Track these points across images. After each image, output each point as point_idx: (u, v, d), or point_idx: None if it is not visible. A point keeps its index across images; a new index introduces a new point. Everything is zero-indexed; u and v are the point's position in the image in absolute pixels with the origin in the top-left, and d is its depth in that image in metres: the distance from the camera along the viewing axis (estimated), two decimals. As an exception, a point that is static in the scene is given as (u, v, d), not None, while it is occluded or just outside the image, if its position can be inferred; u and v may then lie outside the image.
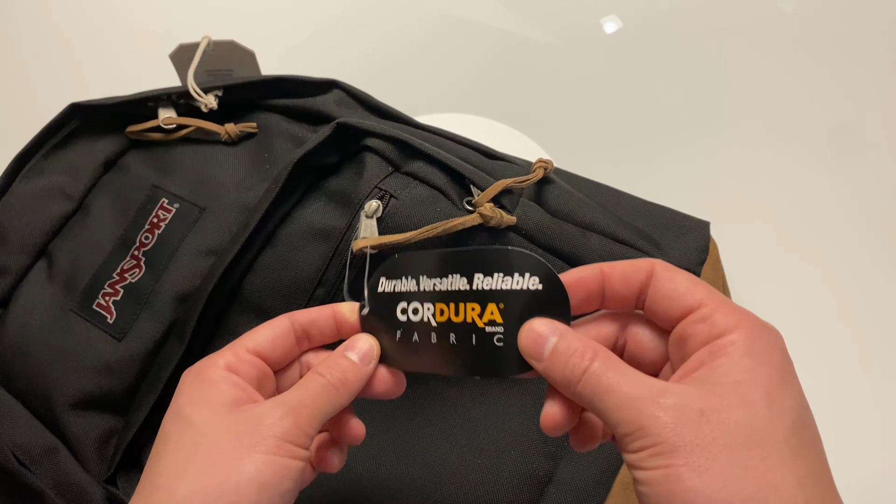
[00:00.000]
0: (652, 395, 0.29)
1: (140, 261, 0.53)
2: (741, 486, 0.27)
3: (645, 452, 0.28)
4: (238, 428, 0.35)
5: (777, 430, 0.28)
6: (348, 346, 0.39)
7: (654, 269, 0.33)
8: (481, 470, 0.48)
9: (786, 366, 0.30)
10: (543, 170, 0.54)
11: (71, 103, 0.56)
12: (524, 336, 0.34)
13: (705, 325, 0.31)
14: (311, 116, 0.58)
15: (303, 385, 0.37)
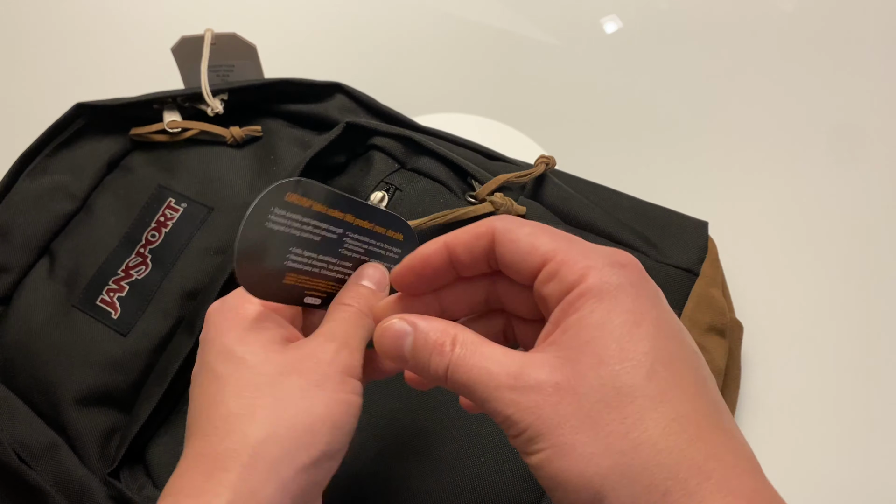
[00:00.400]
0: (509, 381, 0.28)
1: (146, 258, 0.54)
2: (608, 454, 0.27)
3: (520, 440, 0.28)
4: (298, 366, 0.34)
5: (633, 382, 0.27)
6: (361, 276, 0.39)
7: (493, 231, 0.31)
8: (482, 468, 0.48)
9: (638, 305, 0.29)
10: (545, 165, 0.54)
11: (77, 103, 0.56)
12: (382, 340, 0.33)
13: (554, 281, 0.29)
14: (315, 122, 0.59)
15: (338, 318, 0.37)
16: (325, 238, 0.39)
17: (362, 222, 0.40)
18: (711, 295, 0.52)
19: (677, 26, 0.78)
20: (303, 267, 0.38)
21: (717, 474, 0.26)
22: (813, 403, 0.59)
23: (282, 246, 0.37)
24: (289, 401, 0.33)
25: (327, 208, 0.38)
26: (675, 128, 0.73)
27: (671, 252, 0.53)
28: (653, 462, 0.26)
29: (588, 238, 0.52)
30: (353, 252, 0.40)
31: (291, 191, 0.36)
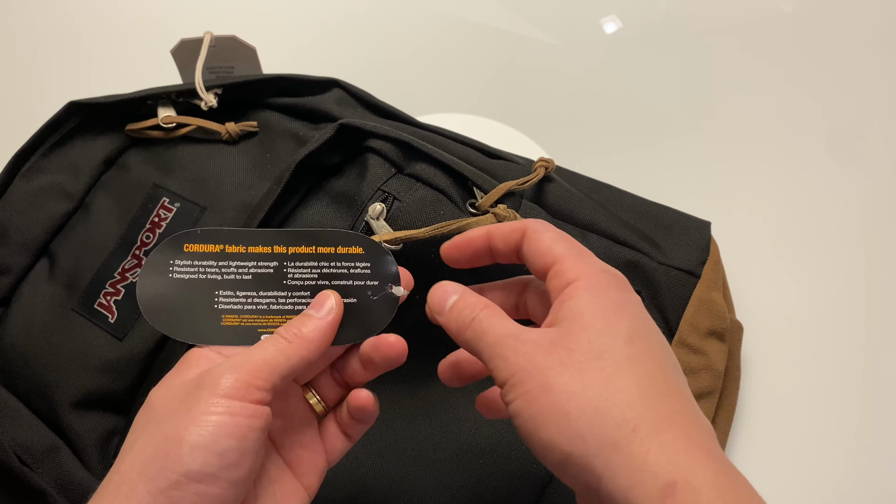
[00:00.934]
0: (515, 334, 0.34)
1: (141, 260, 0.53)
2: (584, 392, 0.31)
3: (509, 385, 0.33)
4: (182, 396, 0.35)
5: (614, 344, 0.32)
6: (311, 305, 0.39)
7: (526, 229, 0.37)
8: (483, 469, 0.48)
9: (621, 297, 0.34)
10: (544, 169, 0.54)
11: (69, 102, 0.56)
12: (433, 293, 0.38)
13: (558, 278, 0.35)
14: (312, 115, 0.58)
15: (256, 345, 0.37)
16: (258, 275, 0.39)
17: (300, 249, 0.40)
18: (712, 299, 0.52)
19: (677, 26, 0.78)
20: (242, 307, 0.39)
21: (680, 425, 0.31)
22: (813, 404, 0.59)
23: (202, 292, 0.38)
24: (159, 429, 0.34)
25: (244, 247, 0.39)
26: (674, 128, 0.73)
27: (673, 252, 0.53)
28: (625, 403, 0.31)
29: (590, 237, 0.52)
30: (303, 281, 0.40)
31: (188, 241, 0.38)
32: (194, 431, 0.33)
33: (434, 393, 0.51)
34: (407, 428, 0.50)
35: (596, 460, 0.30)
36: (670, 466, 0.29)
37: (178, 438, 0.33)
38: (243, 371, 0.35)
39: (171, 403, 0.35)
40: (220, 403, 0.34)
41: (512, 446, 0.49)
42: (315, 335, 0.38)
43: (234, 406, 0.34)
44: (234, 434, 0.34)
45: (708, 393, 0.51)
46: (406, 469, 0.49)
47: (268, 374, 0.36)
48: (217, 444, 0.34)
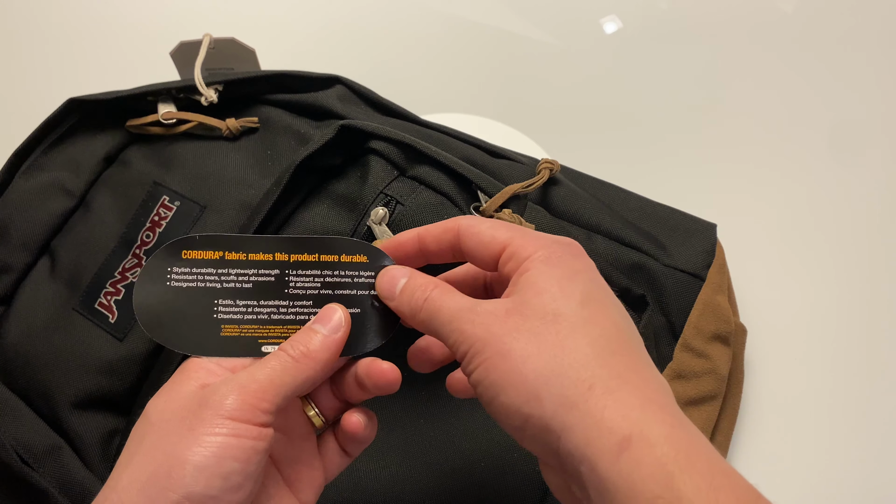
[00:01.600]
0: (470, 306, 0.34)
1: (142, 259, 0.53)
2: (540, 355, 0.32)
3: (468, 356, 0.33)
4: (182, 412, 0.34)
5: (568, 307, 0.33)
6: (317, 319, 0.38)
7: (458, 227, 0.37)
8: (484, 472, 0.48)
9: (575, 263, 0.35)
10: (549, 171, 0.54)
11: (69, 98, 0.56)
12: (381, 279, 0.39)
13: (512, 261, 0.35)
14: (314, 111, 0.58)
15: (261, 361, 0.36)
16: (259, 283, 0.38)
17: (302, 256, 0.39)
18: (717, 302, 0.52)
19: (677, 26, 0.78)
20: (242, 317, 0.38)
21: (634, 382, 0.31)
22: (816, 407, 0.59)
23: (201, 300, 0.37)
24: (159, 447, 0.34)
25: (245, 254, 0.38)
26: (675, 128, 0.73)
27: (678, 255, 0.53)
28: (580, 363, 0.31)
29: (595, 238, 0.52)
30: (305, 290, 0.39)
31: (186, 248, 0.37)
32: (198, 452, 0.33)
33: (435, 395, 0.51)
34: (408, 430, 0.50)
35: (553, 420, 0.31)
36: (625, 422, 0.30)
37: (180, 458, 0.33)
38: (248, 392, 0.35)
39: (172, 419, 0.34)
40: (225, 425, 0.34)
41: (513, 450, 0.49)
42: (323, 355, 0.37)
43: (240, 428, 0.34)
44: (239, 457, 0.34)
45: (711, 397, 0.51)
46: (407, 471, 0.49)
47: (273, 395, 0.35)
48: (221, 467, 0.33)
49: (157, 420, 0.35)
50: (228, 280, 0.38)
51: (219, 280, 0.38)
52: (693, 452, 0.29)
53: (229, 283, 0.38)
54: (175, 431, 0.34)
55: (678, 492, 0.28)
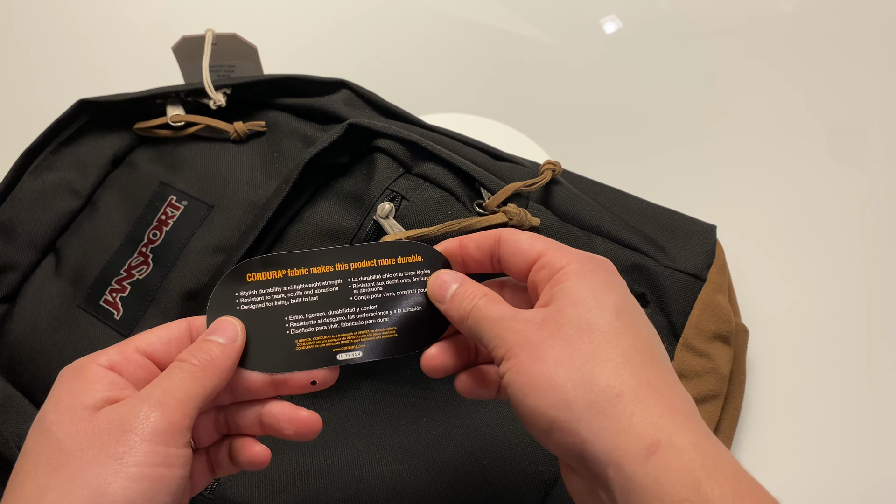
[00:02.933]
0: (512, 315, 0.36)
1: (148, 257, 0.54)
2: (572, 361, 0.33)
3: (504, 360, 0.35)
4: (101, 436, 0.32)
5: (602, 318, 0.34)
6: (210, 331, 0.37)
7: (500, 235, 0.39)
8: (487, 471, 0.49)
9: (608, 278, 0.36)
10: (551, 172, 0.55)
11: (79, 99, 0.56)
12: (433, 283, 0.40)
13: (545, 270, 0.37)
14: (320, 115, 0.59)
15: (165, 375, 0.35)
16: (324, 295, 0.39)
17: (361, 263, 0.40)
18: (717, 302, 0.53)
19: (677, 26, 0.78)
20: (314, 329, 0.39)
21: (663, 392, 0.32)
22: (817, 406, 0.59)
23: (272, 319, 0.38)
24: (80, 481, 0.31)
25: (306, 269, 0.39)
26: (675, 128, 0.73)
27: (678, 256, 0.54)
28: (610, 371, 0.32)
29: (595, 240, 0.53)
30: (369, 295, 0.40)
31: (250, 271, 0.38)
32: (132, 488, 0.31)
33: (438, 393, 0.51)
34: (410, 428, 0.50)
35: (581, 424, 0.32)
36: (653, 428, 0.31)
37: (112, 497, 0.31)
38: (171, 410, 0.33)
39: (89, 446, 0.32)
40: (158, 453, 0.32)
41: (516, 447, 0.49)
42: (226, 363, 0.36)
43: (171, 455, 0.32)
44: (170, 488, 0.32)
45: (713, 396, 0.52)
46: (409, 469, 0.49)
47: (190, 409, 0.34)
48: (154, 502, 0.32)
49: (72, 445, 0.32)
50: (295, 296, 0.39)
51: (286, 297, 0.39)
52: (719, 460, 0.30)
53: (296, 298, 0.39)
54: (96, 461, 0.31)
55: (705, 496, 0.29)
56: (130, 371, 0.36)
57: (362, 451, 0.50)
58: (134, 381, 0.35)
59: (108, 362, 0.35)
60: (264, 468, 0.39)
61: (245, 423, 0.39)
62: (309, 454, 0.49)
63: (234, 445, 0.39)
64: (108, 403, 0.33)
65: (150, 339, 0.37)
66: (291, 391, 0.39)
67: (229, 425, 0.39)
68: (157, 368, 0.37)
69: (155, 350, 0.37)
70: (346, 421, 0.50)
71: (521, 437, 0.50)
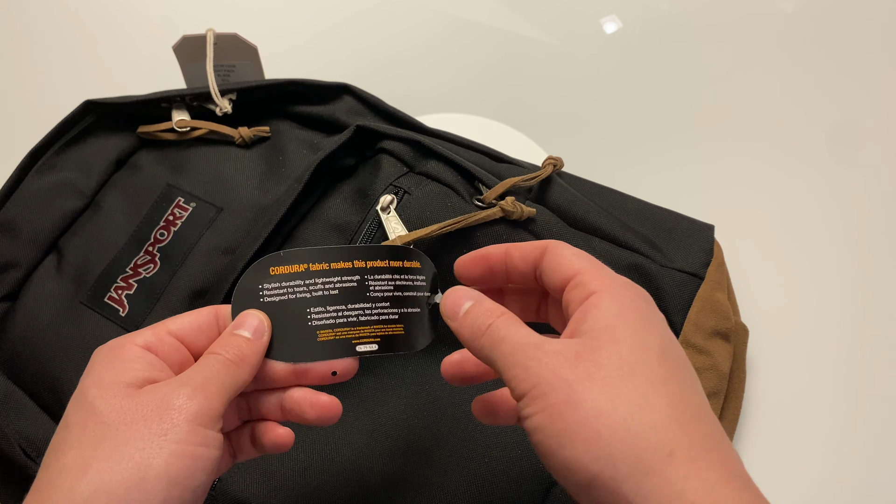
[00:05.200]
0: (537, 343, 0.33)
1: (155, 256, 0.55)
2: (616, 410, 0.30)
3: (529, 397, 0.32)
4: (146, 414, 0.33)
5: (645, 362, 0.31)
6: (237, 325, 0.38)
7: (547, 247, 0.37)
8: (488, 470, 0.49)
9: (649, 312, 0.34)
10: (553, 167, 0.56)
11: (86, 100, 0.58)
12: (446, 299, 0.38)
13: (578, 289, 0.35)
14: (324, 124, 0.61)
15: (202, 364, 0.36)
16: (344, 289, 0.41)
17: (376, 263, 0.42)
18: (716, 299, 0.54)
19: (677, 26, 0.79)
20: (334, 321, 0.41)
21: (715, 451, 0.30)
22: (818, 406, 0.60)
23: (295, 311, 0.40)
24: (125, 453, 0.32)
25: (327, 264, 0.41)
26: (675, 128, 0.74)
27: (676, 256, 0.55)
28: (661, 425, 0.30)
29: (593, 241, 0.54)
30: (383, 293, 0.42)
31: (273, 265, 0.40)
32: (175, 464, 0.32)
33: (439, 390, 0.52)
34: (412, 426, 0.51)
35: (626, 484, 0.29)
36: (710, 496, 0.28)
37: (156, 470, 0.32)
38: (211, 396, 0.34)
39: (131, 418, 0.33)
40: (199, 433, 0.33)
41: (517, 445, 0.50)
42: (255, 359, 0.38)
43: (209, 437, 0.34)
44: (207, 467, 0.34)
45: (713, 394, 0.52)
46: (410, 467, 0.50)
47: (225, 398, 0.35)
48: (193, 480, 0.33)
49: (115, 420, 0.33)
50: (316, 289, 0.41)
51: (307, 290, 0.40)
52: None
53: (317, 291, 0.41)
54: (140, 436, 0.32)
55: None
56: (165, 352, 0.37)
57: (363, 447, 0.50)
58: (169, 362, 0.37)
59: (145, 343, 0.37)
60: (287, 450, 0.40)
61: (266, 409, 0.40)
62: (310, 450, 0.50)
63: (258, 429, 0.40)
64: (147, 383, 0.35)
65: (181, 323, 0.38)
66: (312, 381, 0.40)
67: (251, 411, 0.40)
68: (188, 352, 0.38)
69: (186, 335, 0.38)
70: (348, 417, 0.51)
71: (522, 436, 0.50)
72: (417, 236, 0.50)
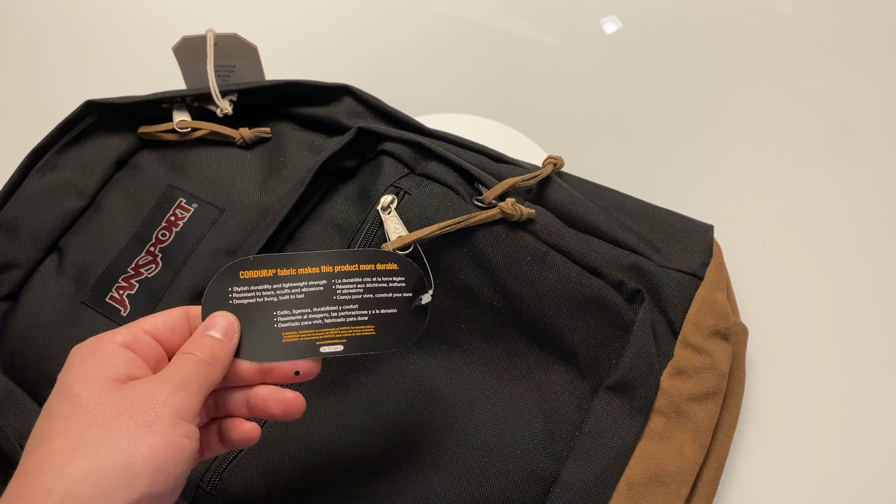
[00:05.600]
0: None
1: (156, 257, 0.55)
2: None
3: None
4: (130, 406, 0.35)
5: None
6: (208, 325, 0.41)
7: None
8: (488, 469, 0.50)
9: None
10: (553, 166, 0.57)
11: (86, 101, 0.58)
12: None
13: None
14: (324, 125, 0.61)
15: (180, 364, 0.38)
16: (310, 293, 0.43)
17: (344, 267, 0.44)
18: (715, 299, 0.54)
19: (677, 26, 0.80)
20: (299, 324, 0.43)
21: None
22: (818, 406, 0.60)
23: (261, 314, 0.42)
24: (113, 440, 0.34)
25: (295, 270, 0.43)
26: (675, 128, 0.74)
27: (675, 256, 0.55)
28: None
29: (592, 241, 0.54)
30: (351, 295, 0.44)
31: (243, 269, 0.42)
32: (160, 452, 0.34)
33: (440, 390, 0.52)
34: (412, 425, 0.52)
35: None
36: None
37: (143, 457, 0.34)
38: (191, 393, 0.37)
39: (116, 410, 0.35)
40: (181, 425, 0.35)
41: (517, 446, 0.50)
42: (226, 360, 0.40)
43: (189, 429, 0.36)
44: (189, 458, 0.36)
45: (712, 393, 0.52)
46: (410, 466, 0.50)
47: (203, 396, 0.38)
48: (177, 468, 0.35)
49: (101, 411, 0.35)
50: (283, 293, 0.43)
51: (275, 294, 0.43)
52: None
53: (284, 295, 0.43)
54: (126, 426, 0.34)
55: None
56: (142, 350, 0.39)
57: (363, 446, 0.51)
58: (145, 359, 0.39)
59: (123, 341, 0.38)
60: (255, 444, 0.42)
61: (233, 406, 0.42)
62: (310, 449, 0.50)
63: (225, 425, 0.42)
64: (129, 379, 0.37)
65: (155, 322, 0.40)
66: (276, 380, 0.42)
67: (218, 409, 0.42)
68: (162, 350, 0.40)
69: (160, 333, 0.40)
70: (349, 416, 0.51)
71: (522, 436, 0.51)
72: (417, 236, 0.51)
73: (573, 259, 0.53)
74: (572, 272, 0.53)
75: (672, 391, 0.51)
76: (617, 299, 0.53)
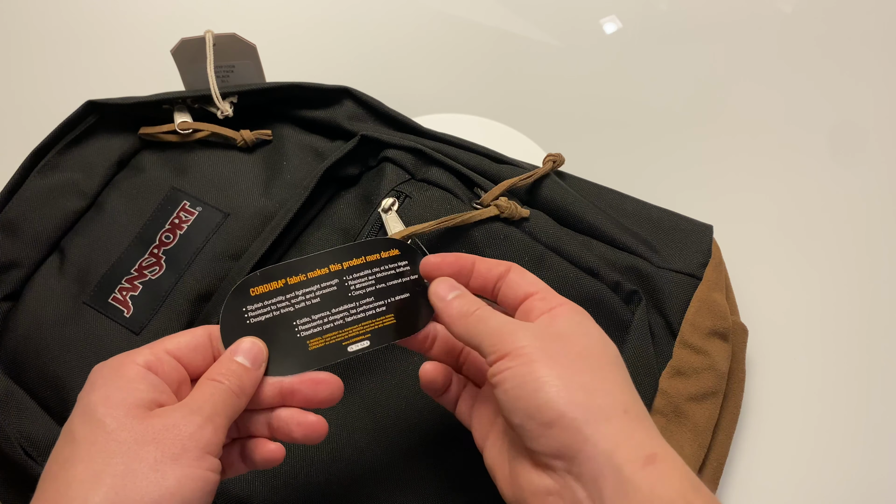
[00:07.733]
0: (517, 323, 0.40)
1: (160, 259, 0.56)
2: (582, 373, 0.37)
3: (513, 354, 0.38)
4: (157, 436, 0.35)
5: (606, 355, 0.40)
6: (235, 350, 0.40)
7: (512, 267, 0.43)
8: None
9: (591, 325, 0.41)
10: (552, 163, 0.58)
11: (87, 101, 0.58)
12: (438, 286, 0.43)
13: (542, 301, 0.41)
14: (324, 128, 0.62)
15: (208, 393, 0.38)
16: (325, 295, 0.43)
17: (351, 262, 0.44)
18: (714, 299, 0.55)
19: (677, 26, 0.80)
20: (322, 328, 0.43)
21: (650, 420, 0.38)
22: (817, 406, 0.61)
23: (282, 327, 0.42)
24: (140, 471, 0.34)
25: (304, 275, 0.43)
26: (675, 129, 0.75)
27: (674, 257, 0.56)
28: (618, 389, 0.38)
29: (591, 242, 0.55)
30: (365, 289, 0.44)
31: (252, 286, 0.42)
32: (187, 486, 0.34)
33: None
34: (413, 425, 0.52)
35: (587, 426, 0.36)
36: (652, 442, 0.36)
37: (171, 489, 0.34)
38: (218, 428, 0.37)
39: (143, 439, 0.35)
40: (208, 459, 0.36)
41: None
42: (252, 390, 0.40)
43: (215, 463, 0.36)
44: (212, 491, 0.36)
45: (711, 393, 0.53)
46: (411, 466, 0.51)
47: (227, 427, 0.38)
48: (201, 501, 0.35)
49: (127, 438, 0.35)
50: (298, 301, 0.43)
51: (290, 304, 0.43)
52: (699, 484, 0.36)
53: (300, 303, 0.43)
54: (153, 457, 0.34)
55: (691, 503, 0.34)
56: (165, 372, 0.39)
57: (365, 447, 0.51)
58: (168, 381, 0.39)
59: (145, 362, 0.38)
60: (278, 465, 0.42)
61: (255, 427, 0.42)
62: (311, 449, 0.51)
63: (248, 446, 0.42)
64: (154, 404, 0.37)
65: (178, 343, 0.40)
66: (298, 404, 0.42)
67: (240, 429, 0.42)
68: (185, 371, 0.40)
69: (183, 354, 0.40)
70: (350, 417, 0.52)
71: (524, 434, 0.52)
72: (415, 230, 0.52)
73: (571, 260, 0.55)
74: (570, 273, 0.54)
75: (671, 391, 0.52)
76: (614, 300, 0.54)
